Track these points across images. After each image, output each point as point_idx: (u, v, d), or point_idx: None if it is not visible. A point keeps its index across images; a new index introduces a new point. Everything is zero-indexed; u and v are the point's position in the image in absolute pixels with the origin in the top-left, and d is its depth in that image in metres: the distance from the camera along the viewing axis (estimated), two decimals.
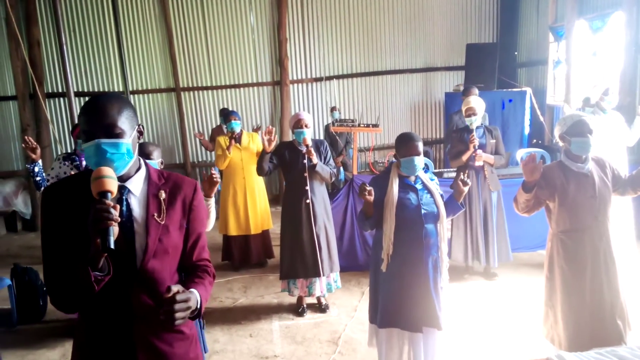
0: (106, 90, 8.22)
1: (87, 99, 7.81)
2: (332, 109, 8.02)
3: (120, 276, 1.53)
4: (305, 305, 4.40)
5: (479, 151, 4.56)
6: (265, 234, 5.52)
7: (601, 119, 4.64)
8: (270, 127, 4.08)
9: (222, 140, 5.30)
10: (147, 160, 2.98)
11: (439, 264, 2.87)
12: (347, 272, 5.05)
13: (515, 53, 8.91)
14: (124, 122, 1.53)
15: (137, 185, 1.61)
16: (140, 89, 8.33)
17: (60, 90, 8.05)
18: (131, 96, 8.21)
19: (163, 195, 1.63)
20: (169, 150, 8.58)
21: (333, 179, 4.23)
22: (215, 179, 2.89)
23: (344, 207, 5.24)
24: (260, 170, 4.22)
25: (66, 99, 6.88)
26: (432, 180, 2.99)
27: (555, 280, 2.95)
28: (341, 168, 7.75)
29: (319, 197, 4.18)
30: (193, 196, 1.70)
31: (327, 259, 4.17)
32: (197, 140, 8.57)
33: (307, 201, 4.12)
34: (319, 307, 4.41)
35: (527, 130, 7.64)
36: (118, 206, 1.42)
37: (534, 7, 8.39)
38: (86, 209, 1.41)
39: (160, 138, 8.53)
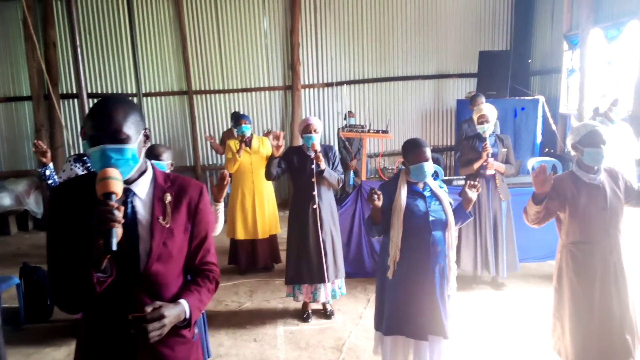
0: (120, 92, 8.31)
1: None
2: (348, 114, 8.00)
3: (123, 279, 1.53)
4: (310, 311, 4.38)
5: (491, 160, 4.51)
6: (272, 239, 5.52)
7: (609, 129, 4.57)
8: (278, 131, 4.07)
9: (233, 143, 5.32)
10: (156, 162, 3.03)
11: (446, 272, 2.84)
12: (354, 279, 5.02)
13: (529, 61, 8.83)
14: (130, 127, 1.52)
15: (142, 188, 1.61)
16: (152, 91, 8.40)
17: (74, 92, 8.15)
18: (144, 99, 8.29)
19: (169, 198, 1.63)
20: (180, 153, 8.63)
21: (341, 184, 4.22)
22: (225, 182, 2.89)
23: (352, 213, 5.22)
24: (268, 175, 4.22)
25: (79, 100, 6.97)
26: (441, 187, 2.96)
27: (564, 292, 2.91)
28: (352, 173, 7.73)
29: (326, 202, 4.17)
30: (199, 199, 1.70)
31: (332, 264, 4.15)
32: (208, 143, 8.64)
33: (314, 206, 4.11)
34: (324, 313, 4.39)
35: (539, 139, 7.55)
36: (122, 208, 1.42)
37: (549, 15, 8.32)
38: (92, 209, 1.42)
39: (172, 141, 8.59)
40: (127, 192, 1.57)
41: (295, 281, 4.21)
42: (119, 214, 1.40)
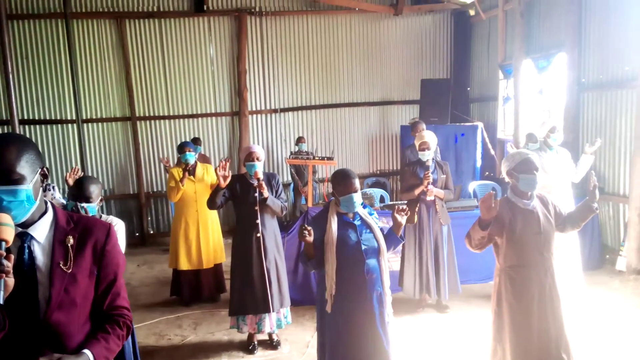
0: (57, 118, 8.01)
1: (37, 127, 7.50)
2: (299, 140, 8.01)
3: (21, 330, 1.42)
4: (256, 342, 4.28)
5: (431, 186, 4.63)
6: (217, 268, 5.40)
7: (547, 155, 4.80)
8: (224, 162, 3.98)
9: (176, 171, 5.21)
10: (87, 205, 2.82)
11: (384, 298, 2.85)
12: (301, 307, 4.96)
13: (468, 89, 9.23)
14: (24, 166, 1.43)
15: (41, 232, 1.52)
16: (93, 117, 8.14)
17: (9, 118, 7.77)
18: (83, 125, 8.01)
19: (71, 241, 1.54)
20: (123, 180, 8.37)
21: (284, 212, 4.19)
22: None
23: (298, 239, 5.18)
24: (212, 205, 4.12)
25: (10, 126, 6.66)
26: (371, 214, 2.99)
27: (504, 316, 2.98)
28: (303, 199, 7.75)
29: (269, 230, 4.12)
30: (106, 240, 1.60)
31: (277, 294, 4.09)
32: (152, 170, 8.43)
33: (258, 235, 4.05)
34: (271, 344, 4.30)
35: (479, 163, 7.85)
36: (12, 256, 1.33)
37: (485, 46, 8.77)
38: None
39: (114, 168, 8.32)
40: (24, 236, 1.48)
41: (240, 312, 4.12)
42: (8, 264, 1.31)
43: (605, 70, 6.01)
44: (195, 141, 7.38)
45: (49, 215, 1.56)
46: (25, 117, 7.85)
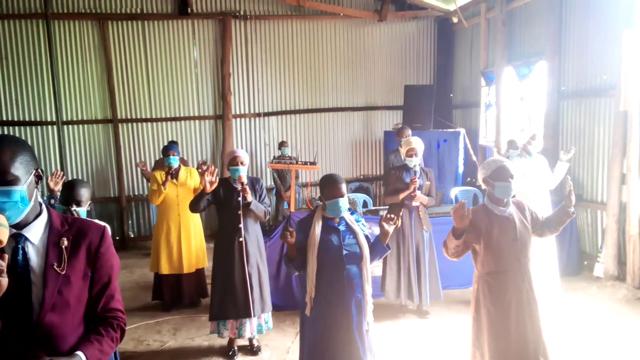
0: (37, 119, 7.89)
1: (16, 128, 7.38)
2: (281, 144, 8.00)
3: (14, 332, 1.42)
4: (236, 348, 4.25)
5: (418, 192, 4.65)
6: (199, 273, 5.35)
7: (527, 161, 4.87)
8: (213, 167, 3.95)
9: (158, 175, 5.16)
10: (79, 209, 2.84)
11: (363, 306, 2.84)
12: (282, 312, 4.94)
13: (451, 95, 9.32)
14: (18, 167, 1.44)
15: (36, 233, 1.52)
16: (74, 119, 8.03)
17: None
18: (64, 127, 7.89)
19: (65, 242, 1.55)
20: (104, 183, 8.26)
21: (267, 217, 4.18)
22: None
23: (281, 244, 5.17)
24: (194, 208, 4.10)
25: None
26: (358, 222, 2.99)
27: (482, 321, 3.00)
28: (285, 203, 7.72)
29: (252, 235, 4.10)
30: (100, 242, 1.62)
31: (258, 299, 4.06)
32: (133, 173, 8.33)
33: (240, 239, 4.03)
34: (251, 349, 4.27)
35: (461, 169, 7.92)
36: (6, 256, 1.33)
37: (468, 53, 8.86)
38: None
39: (94, 170, 8.21)
40: (19, 238, 1.48)
41: (220, 317, 4.08)
42: (2, 263, 1.31)
43: (584, 78, 6.12)
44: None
45: (44, 216, 1.57)
46: (4, 119, 7.74)
